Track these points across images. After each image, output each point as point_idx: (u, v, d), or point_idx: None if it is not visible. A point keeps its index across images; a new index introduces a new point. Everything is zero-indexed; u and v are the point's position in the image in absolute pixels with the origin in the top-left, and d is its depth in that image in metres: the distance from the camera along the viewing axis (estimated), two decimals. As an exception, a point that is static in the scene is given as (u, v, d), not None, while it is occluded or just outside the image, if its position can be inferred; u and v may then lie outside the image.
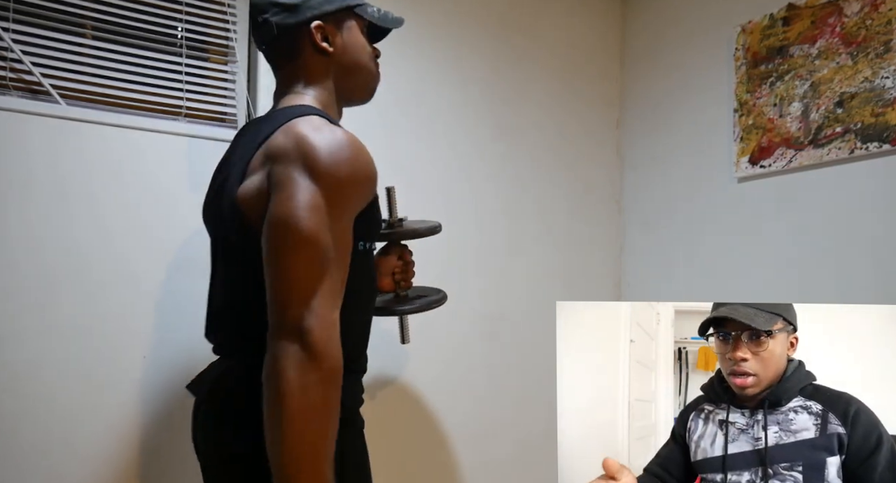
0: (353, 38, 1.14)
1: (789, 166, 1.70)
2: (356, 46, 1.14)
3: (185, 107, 1.59)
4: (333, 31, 1.11)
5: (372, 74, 1.18)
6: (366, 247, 1.08)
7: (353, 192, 0.96)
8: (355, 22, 1.14)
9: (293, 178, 0.92)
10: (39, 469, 1.36)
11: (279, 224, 0.90)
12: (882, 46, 1.54)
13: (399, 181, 1.78)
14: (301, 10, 1.09)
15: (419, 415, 1.82)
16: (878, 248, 1.54)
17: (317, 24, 1.09)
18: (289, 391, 0.85)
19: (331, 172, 0.92)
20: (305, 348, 0.86)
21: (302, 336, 0.87)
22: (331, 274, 0.91)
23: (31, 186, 1.39)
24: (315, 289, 0.89)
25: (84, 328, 1.42)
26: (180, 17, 1.60)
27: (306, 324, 0.87)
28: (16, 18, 1.43)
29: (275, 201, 0.92)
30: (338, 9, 1.11)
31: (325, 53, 1.10)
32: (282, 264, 0.90)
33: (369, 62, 1.17)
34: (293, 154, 0.93)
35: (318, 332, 0.87)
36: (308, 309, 0.88)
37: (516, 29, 2.05)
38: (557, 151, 2.10)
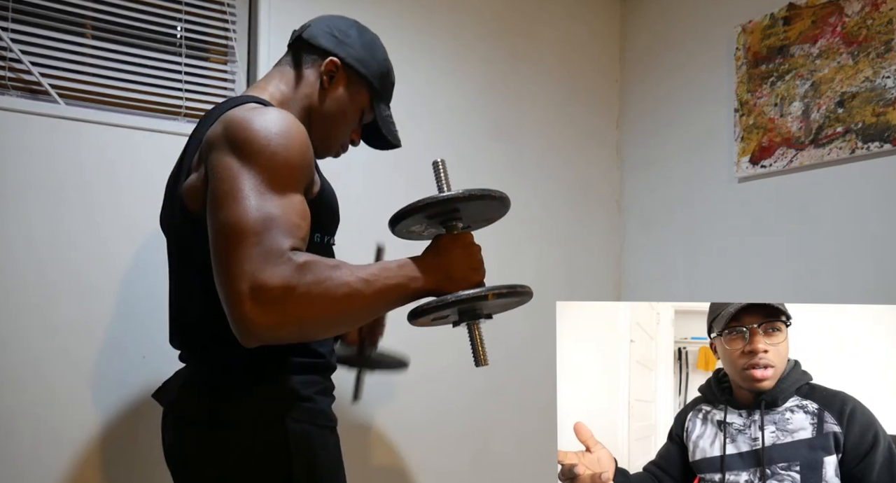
0: (348, 103, 1.15)
1: (790, 166, 1.70)
2: (342, 111, 1.15)
3: (185, 107, 1.59)
4: (341, 81, 1.13)
5: (330, 141, 1.17)
6: (323, 240, 1.07)
7: (292, 165, 0.90)
8: (363, 99, 1.16)
9: (225, 164, 0.88)
10: (39, 469, 1.36)
11: (213, 215, 0.86)
12: (883, 46, 1.53)
13: (400, 181, 1.78)
14: (337, 45, 1.13)
15: (419, 415, 1.81)
16: (879, 248, 1.53)
17: (335, 61, 1.12)
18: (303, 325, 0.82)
19: (262, 148, 0.88)
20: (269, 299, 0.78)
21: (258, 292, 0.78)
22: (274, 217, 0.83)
23: (30, 186, 1.39)
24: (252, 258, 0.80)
25: (83, 328, 1.42)
26: (180, 16, 1.60)
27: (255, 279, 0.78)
28: (15, 18, 1.43)
29: (210, 190, 0.88)
30: (361, 74, 1.14)
31: (321, 85, 1.12)
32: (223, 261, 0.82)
33: (339, 133, 1.17)
34: (223, 138, 0.90)
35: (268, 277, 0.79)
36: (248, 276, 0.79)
37: (516, 29, 2.05)
38: (557, 151, 2.10)
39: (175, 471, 1.08)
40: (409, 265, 0.92)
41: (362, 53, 1.14)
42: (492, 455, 1.91)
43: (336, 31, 1.14)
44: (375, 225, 1.62)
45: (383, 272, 0.88)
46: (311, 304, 0.81)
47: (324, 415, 1.05)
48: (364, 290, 0.85)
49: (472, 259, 0.98)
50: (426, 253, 0.96)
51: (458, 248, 0.97)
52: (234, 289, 0.79)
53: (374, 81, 1.16)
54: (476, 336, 1.00)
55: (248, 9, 1.69)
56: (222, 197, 0.85)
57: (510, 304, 1.04)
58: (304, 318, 0.81)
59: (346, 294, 0.83)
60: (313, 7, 1.71)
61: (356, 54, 1.14)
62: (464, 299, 0.91)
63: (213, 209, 0.86)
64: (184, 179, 1.00)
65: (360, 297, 0.85)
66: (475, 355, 0.99)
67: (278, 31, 1.67)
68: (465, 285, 0.94)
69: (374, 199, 1.73)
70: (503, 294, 0.94)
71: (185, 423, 1.05)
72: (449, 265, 0.95)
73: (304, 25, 1.17)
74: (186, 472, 1.05)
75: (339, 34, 1.14)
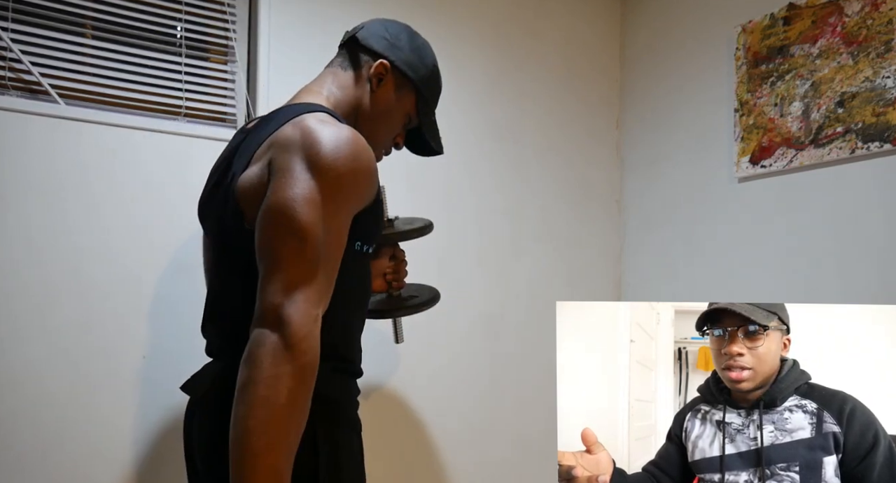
0: (395, 107, 1.16)
1: (790, 166, 1.70)
2: (389, 114, 1.16)
3: (185, 107, 1.59)
4: (390, 85, 1.15)
5: (374, 143, 1.17)
6: (363, 248, 1.07)
7: (352, 191, 0.96)
8: (410, 103, 1.18)
9: (293, 169, 0.91)
10: (39, 469, 1.36)
11: (274, 211, 0.90)
12: (883, 46, 1.53)
13: (399, 180, 1.78)
14: (388, 48, 1.15)
15: (419, 415, 1.81)
16: (879, 247, 1.53)
17: (385, 64, 1.13)
18: (259, 379, 0.85)
19: (331, 167, 0.92)
20: (283, 338, 0.85)
21: (281, 326, 0.86)
22: (319, 270, 0.90)
23: (30, 186, 1.39)
24: (301, 281, 0.88)
25: (84, 328, 1.42)
26: (180, 16, 1.60)
27: (287, 314, 0.86)
28: (15, 18, 1.43)
29: (272, 188, 0.92)
30: (409, 78, 1.15)
31: (370, 87, 1.14)
32: (272, 251, 0.89)
33: (384, 135, 1.19)
34: (296, 144, 0.93)
35: (298, 324, 0.86)
36: (291, 299, 0.87)
37: (516, 29, 2.05)
38: (558, 151, 2.10)
39: (200, 461, 1.07)
40: None
41: (412, 58, 1.16)
42: (492, 455, 1.91)
43: (388, 34, 1.15)
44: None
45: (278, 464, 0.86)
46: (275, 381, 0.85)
47: (350, 418, 1.07)
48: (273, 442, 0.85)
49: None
50: None
51: None
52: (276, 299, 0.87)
53: (422, 86, 1.17)
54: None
55: (248, 9, 1.69)
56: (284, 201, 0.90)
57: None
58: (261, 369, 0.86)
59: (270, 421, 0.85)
60: (313, 7, 1.72)
61: (406, 58, 1.15)
62: None
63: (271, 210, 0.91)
64: (240, 174, 1.00)
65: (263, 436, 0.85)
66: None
67: (278, 31, 1.67)
68: None
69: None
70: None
71: (216, 414, 1.03)
72: None
73: (357, 26, 1.18)
74: (214, 463, 1.03)
75: (390, 37, 1.15)
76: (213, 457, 1.04)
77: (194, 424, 1.08)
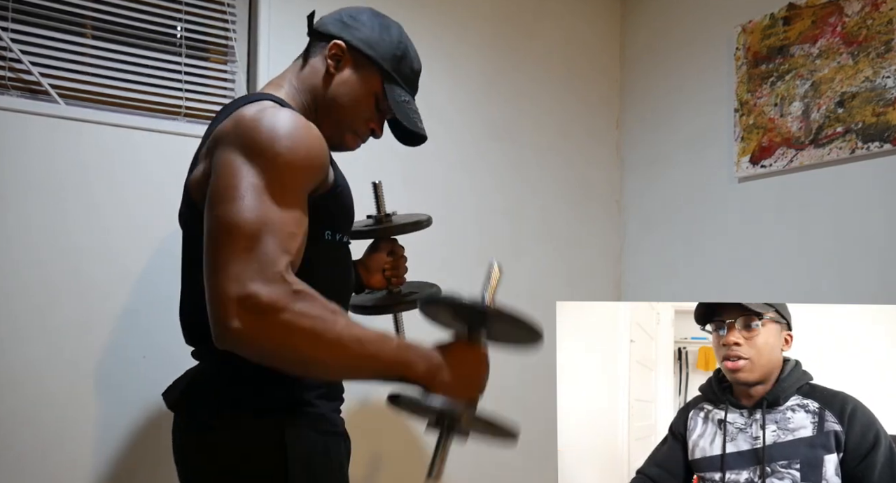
0: (357, 88, 1.09)
1: (790, 166, 1.70)
2: (351, 96, 1.08)
3: (185, 107, 1.59)
4: (348, 65, 1.08)
5: (341, 130, 1.11)
6: (334, 237, 1.03)
7: (298, 169, 0.89)
8: (375, 83, 1.10)
9: (229, 161, 0.87)
10: (39, 469, 1.36)
11: (210, 209, 0.85)
12: (883, 46, 1.53)
13: (399, 180, 1.78)
14: (343, 29, 1.08)
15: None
16: (879, 248, 1.53)
17: (337, 43, 1.07)
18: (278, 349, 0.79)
19: (269, 149, 0.86)
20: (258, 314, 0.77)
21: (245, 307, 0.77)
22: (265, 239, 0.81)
23: (30, 186, 1.39)
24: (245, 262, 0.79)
25: (83, 328, 1.42)
26: (180, 16, 1.60)
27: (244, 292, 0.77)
28: (15, 18, 1.43)
29: (210, 186, 0.88)
30: (368, 57, 1.08)
31: (326, 70, 1.08)
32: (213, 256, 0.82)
33: (350, 120, 1.11)
34: (231, 135, 0.90)
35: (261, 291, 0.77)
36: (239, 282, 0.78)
37: (516, 29, 2.05)
38: (557, 151, 2.10)
39: (180, 471, 1.07)
40: (410, 350, 0.88)
41: (370, 35, 1.08)
42: (492, 455, 1.91)
43: (346, 16, 1.10)
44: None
45: (381, 342, 0.84)
46: (293, 333, 0.78)
47: (325, 419, 1.03)
48: (351, 348, 0.82)
49: (478, 376, 0.95)
50: (437, 347, 0.92)
51: (469, 359, 0.94)
52: (221, 289, 0.78)
53: (385, 63, 1.09)
54: (441, 446, 0.93)
55: (248, 9, 1.69)
56: (220, 193, 0.84)
57: (488, 434, 0.99)
58: (281, 343, 0.79)
59: (331, 342, 0.80)
60: (313, 7, 1.71)
61: (363, 36, 1.08)
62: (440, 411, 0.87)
63: (210, 204, 0.85)
64: (191, 170, 1.00)
65: (343, 352, 0.81)
66: (430, 465, 0.92)
67: (278, 31, 1.66)
68: (457, 396, 0.89)
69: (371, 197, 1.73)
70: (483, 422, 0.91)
71: (186, 423, 1.05)
72: (451, 370, 0.90)
73: (315, 16, 1.13)
74: (188, 472, 1.05)
75: (347, 19, 1.09)
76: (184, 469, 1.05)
77: (173, 430, 1.08)
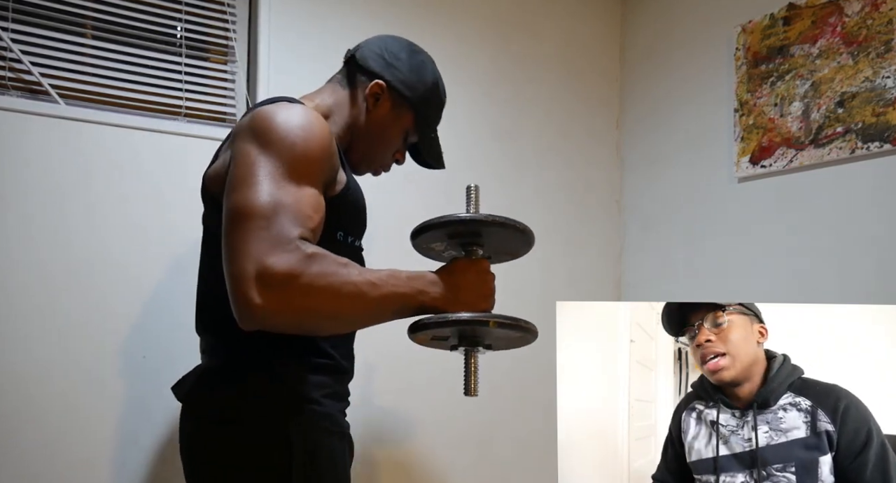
0: (391, 125, 1.16)
1: (790, 166, 1.70)
2: (384, 132, 1.16)
3: (185, 107, 1.59)
4: (387, 104, 1.14)
5: (371, 160, 1.19)
6: (346, 240, 1.05)
7: (313, 158, 0.93)
8: (407, 122, 1.17)
9: (246, 151, 0.90)
10: (40, 469, 1.36)
11: (228, 197, 0.88)
12: (883, 46, 1.53)
13: (400, 180, 1.78)
14: (385, 68, 1.14)
15: (418, 415, 1.81)
16: (879, 248, 1.53)
17: (381, 84, 1.13)
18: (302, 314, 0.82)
19: (284, 138, 0.91)
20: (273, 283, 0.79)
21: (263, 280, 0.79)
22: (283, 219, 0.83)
23: (30, 186, 1.39)
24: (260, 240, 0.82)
25: (83, 328, 1.42)
26: (180, 16, 1.60)
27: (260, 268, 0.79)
28: (15, 18, 1.43)
29: (228, 177, 0.91)
30: (405, 97, 1.15)
31: (367, 107, 1.13)
32: (230, 240, 0.84)
33: (380, 153, 1.18)
34: (247, 128, 0.94)
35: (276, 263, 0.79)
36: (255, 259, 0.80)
37: (516, 29, 2.05)
38: (558, 151, 2.10)
39: (186, 464, 1.07)
40: (420, 278, 0.92)
41: (409, 77, 1.15)
42: (492, 455, 1.91)
43: (386, 53, 1.15)
44: (382, 228, 1.63)
45: (392, 279, 0.89)
46: (313, 295, 0.81)
47: (330, 419, 1.04)
48: (369, 293, 0.85)
49: (485, 286, 0.98)
50: (439, 271, 0.97)
51: (472, 272, 0.97)
52: (239, 269, 0.80)
53: (420, 105, 1.16)
54: (471, 364, 0.98)
55: (248, 9, 1.69)
56: (237, 181, 0.88)
57: (512, 340, 1.02)
58: (304, 308, 0.82)
59: (350, 292, 0.84)
60: (313, 7, 1.71)
61: (402, 77, 1.14)
62: (464, 321, 0.90)
63: (228, 192, 0.89)
64: (209, 168, 1.04)
65: (362, 299, 0.85)
66: (466, 383, 0.97)
67: (278, 31, 1.67)
68: (472, 310, 0.94)
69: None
70: (506, 324, 0.93)
71: (195, 416, 1.05)
72: (459, 287, 0.95)
73: (358, 45, 1.18)
74: (194, 465, 1.05)
75: (388, 57, 1.15)
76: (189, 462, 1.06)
77: (181, 423, 1.09)
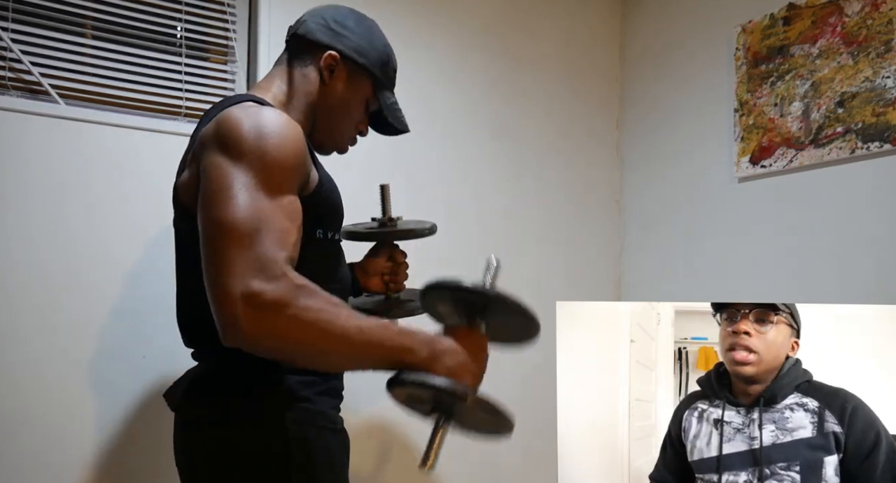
0: (351, 95, 1.12)
1: (790, 166, 1.70)
2: (346, 103, 1.12)
3: (185, 107, 1.59)
4: (342, 74, 1.11)
5: (337, 136, 1.16)
6: (326, 235, 1.04)
7: (286, 165, 0.90)
8: (366, 89, 1.14)
9: (217, 163, 0.87)
10: (39, 468, 1.36)
11: (203, 212, 0.86)
12: (883, 46, 1.53)
13: (400, 180, 1.78)
14: (334, 37, 1.10)
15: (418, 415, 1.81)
16: (879, 247, 1.53)
17: (334, 54, 1.09)
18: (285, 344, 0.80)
19: (253, 148, 0.87)
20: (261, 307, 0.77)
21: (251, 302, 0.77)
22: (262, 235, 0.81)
23: (30, 186, 1.39)
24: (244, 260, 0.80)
25: (83, 328, 1.42)
26: (180, 17, 1.60)
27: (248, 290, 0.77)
28: (15, 18, 1.43)
29: (201, 190, 0.88)
30: (361, 65, 1.11)
31: (321, 80, 1.10)
32: (212, 258, 0.82)
33: (345, 126, 1.15)
34: (216, 137, 0.90)
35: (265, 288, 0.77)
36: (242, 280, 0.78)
37: (516, 29, 2.05)
38: (557, 151, 2.10)
39: (182, 470, 1.08)
40: (410, 336, 0.87)
41: (361, 43, 1.11)
42: (492, 455, 1.91)
43: (332, 22, 1.11)
44: (375, 225, 1.63)
45: (381, 330, 0.85)
46: (299, 327, 0.79)
47: (324, 416, 1.04)
48: (354, 338, 0.82)
49: (478, 363, 0.95)
50: (435, 334, 0.92)
51: (471, 344, 0.93)
52: (224, 287, 0.78)
53: (376, 70, 1.12)
54: (437, 435, 0.91)
55: (248, 9, 1.69)
56: (212, 195, 0.85)
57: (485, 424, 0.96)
58: (288, 337, 0.79)
59: (335, 333, 0.81)
60: (313, 6, 1.71)
61: (354, 45, 1.10)
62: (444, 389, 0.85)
63: (203, 207, 0.86)
64: (178, 174, 1.02)
65: (347, 342, 0.82)
66: (425, 453, 0.89)
67: (278, 31, 1.66)
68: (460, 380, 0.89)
69: (374, 198, 1.73)
70: (485, 407, 0.88)
71: (187, 423, 1.05)
72: (454, 355, 0.90)
73: (298, 20, 1.14)
74: (189, 471, 1.05)
75: (335, 26, 1.11)
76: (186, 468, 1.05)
77: (174, 430, 1.09)
